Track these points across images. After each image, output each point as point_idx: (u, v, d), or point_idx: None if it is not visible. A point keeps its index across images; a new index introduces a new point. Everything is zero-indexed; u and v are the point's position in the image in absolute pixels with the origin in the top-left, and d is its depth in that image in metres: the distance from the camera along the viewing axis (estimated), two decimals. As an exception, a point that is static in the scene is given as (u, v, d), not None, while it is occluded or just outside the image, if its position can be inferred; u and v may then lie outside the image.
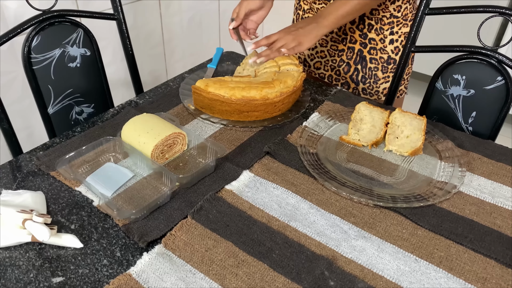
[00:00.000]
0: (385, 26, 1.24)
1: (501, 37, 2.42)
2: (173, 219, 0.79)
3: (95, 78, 1.29)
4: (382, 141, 1.00)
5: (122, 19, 1.28)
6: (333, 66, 1.36)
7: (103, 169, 0.88)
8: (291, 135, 1.01)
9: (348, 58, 1.32)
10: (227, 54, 1.38)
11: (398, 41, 1.25)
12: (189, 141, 0.95)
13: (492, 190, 0.87)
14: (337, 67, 1.35)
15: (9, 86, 1.53)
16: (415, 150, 0.94)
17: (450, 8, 1.13)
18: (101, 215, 0.80)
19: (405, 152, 0.95)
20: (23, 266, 0.70)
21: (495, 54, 1.09)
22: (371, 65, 1.29)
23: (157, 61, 2.08)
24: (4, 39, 1.07)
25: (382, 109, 1.02)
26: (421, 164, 0.94)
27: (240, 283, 0.68)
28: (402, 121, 0.99)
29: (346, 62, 1.33)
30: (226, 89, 1.02)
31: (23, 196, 0.79)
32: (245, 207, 0.81)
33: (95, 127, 1.02)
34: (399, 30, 1.24)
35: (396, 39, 1.25)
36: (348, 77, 1.34)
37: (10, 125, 1.13)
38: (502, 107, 1.12)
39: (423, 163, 0.94)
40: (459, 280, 0.69)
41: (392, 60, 1.27)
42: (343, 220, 0.80)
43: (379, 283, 0.69)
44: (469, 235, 0.77)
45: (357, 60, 1.30)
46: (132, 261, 0.71)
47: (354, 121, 1.02)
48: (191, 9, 2.09)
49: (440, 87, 1.20)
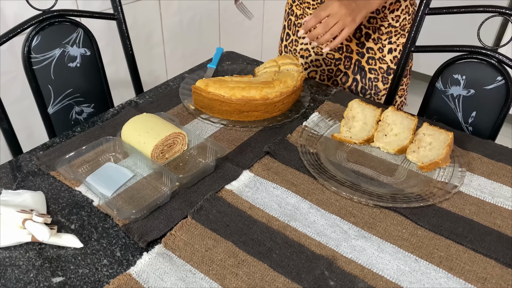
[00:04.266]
0: (383, 36, 1.22)
1: (501, 37, 2.42)
2: (173, 219, 0.79)
3: (95, 78, 1.29)
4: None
5: (122, 19, 1.28)
6: (329, 76, 1.33)
7: (103, 169, 0.88)
8: (291, 135, 1.01)
9: (345, 67, 1.29)
10: (227, 54, 1.38)
11: (396, 50, 1.23)
12: (189, 141, 0.95)
13: (492, 190, 0.87)
14: (334, 77, 1.32)
15: (9, 86, 1.53)
16: (402, 148, 0.94)
17: (450, 8, 1.13)
18: (101, 215, 0.80)
19: (392, 149, 0.95)
20: (23, 266, 0.70)
21: (495, 54, 1.09)
22: (371, 75, 1.26)
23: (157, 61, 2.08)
24: (4, 39, 1.07)
25: (374, 107, 1.02)
26: (421, 164, 0.94)
27: (240, 283, 0.68)
28: (393, 119, 0.98)
29: (344, 72, 1.30)
30: (226, 89, 1.02)
31: (23, 196, 0.79)
32: (245, 207, 0.81)
33: (95, 127, 1.02)
34: (397, 40, 1.23)
35: (395, 49, 1.23)
36: (347, 88, 1.32)
37: (10, 125, 1.13)
38: (502, 107, 1.12)
39: (423, 163, 0.94)
40: (459, 280, 0.69)
41: (391, 70, 1.26)
42: (343, 220, 0.80)
43: (379, 283, 0.69)
44: (469, 235, 0.77)
45: (356, 70, 1.28)
46: (132, 261, 0.71)
47: (347, 118, 1.02)
48: (191, 9, 2.09)
49: (440, 87, 1.20)
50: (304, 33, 1.03)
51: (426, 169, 0.90)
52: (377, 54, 1.24)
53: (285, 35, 1.37)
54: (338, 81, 1.32)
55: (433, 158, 0.91)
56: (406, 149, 0.95)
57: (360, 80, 1.28)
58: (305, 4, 1.25)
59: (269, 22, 2.57)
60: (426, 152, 0.93)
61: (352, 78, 1.29)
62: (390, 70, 1.26)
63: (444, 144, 0.92)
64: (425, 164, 0.90)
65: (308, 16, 1.02)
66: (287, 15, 1.35)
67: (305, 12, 1.26)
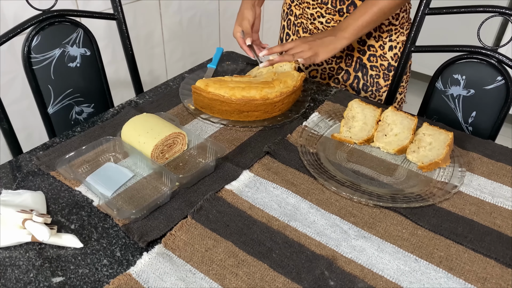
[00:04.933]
0: (383, 34, 1.23)
1: (501, 37, 2.43)
2: (173, 219, 0.79)
3: (95, 78, 1.29)
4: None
5: (122, 19, 1.28)
6: (330, 74, 1.33)
7: (103, 169, 0.88)
8: (291, 135, 1.01)
9: (347, 65, 1.30)
10: (227, 54, 1.38)
11: (397, 47, 1.25)
12: (189, 141, 0.95)
13: (492, 190, 0.87)
14: (336, 75, 1.33)
15: (9, 86, 1.53)
16: (402, 148, 0.94)
17: (450, 8, 1.13)
18: (101, 215, 0.80)
19: (392, 149, 0.95)
20: (23, 266, 0.70)
21: (495, 54, 1.09)
22: (372, 72, 1.27)
23: (157, 61, 2.08)
24: (4, 39, 1.07)
25: (374, 107, 1.02)
26: (421, 164, 0.94)
27: (240, 283, 0.68)
28: (393, 119, 0.98)
29: (345, 69, 1.31)
30: (226, 89, 1.02)
31: (23, 196, 0.79)
32: (245, 207, 0.81)
33: (95, 127, 1.02)
34: (397, 38, 1.24)
35: (395, 46, 1.24)
36: (348, 85, 1.32)
37: (10, 125, 1.13)
38: (502, 107, 1.12)
39: (423, 163, 0.94)
40: (459, 280, 0.69)
41: (392, 67, 1.26)
42: (343, 220, 0.80)
43: (379, 283, 0.69)
44: (469, 235, 0.77)
45: (357, 67, 1.29)
46: (132, 261, 0.71)
47: (347, 118, 1.02)
48: (191, 9, 2.09)
49: (440, 87, 1.20)
50: (267, 53, 1.10)
51: (426, 169, 0.90)
52: (378, 51, 1.25)
53: (285, 35, 1.37)
54: (340, 79, 1.32)
55: (433, 158, 0.91)
56: (406, 149, 0.95)
57: (362, 77, 1.29)
58: (304, 4, 1.25)
59: (269, 22, 2.56)
60: (426, 152, 0.93)
61: (354, 75, 1.30)
62: (390, 67, 1.26)
63: (444, 144, 0.92)
64: (425, 164, 0.90)
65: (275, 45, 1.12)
66: (286, 15, 1.35)
67: (304, 12, 1.27)
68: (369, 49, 1.26)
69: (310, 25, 1.27)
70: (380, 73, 1.27)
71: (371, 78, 1.28)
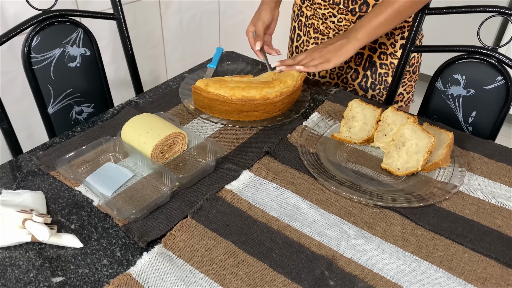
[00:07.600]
0: (396, 31, 1.22)
1: (501, 37, 2.43)
2: (173, 219, 0.79)
3: (95, 78, 1.29)
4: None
5: (122, 19, 1.28)
6: (339, 73, 1.32)
7: (103, 169, 0.88)
8: (291, 135, 1.01)
9: (356, 64, 1.29)
10: (227, 54, 1.38)
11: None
12: (189, 141, 0.95)
13: (492, 190, 0.87)
14: (344, 74, 1.32)
15: (9, 86, 1.53)
16: None
17: (450, 8, 1.13)
18: (101, 215, 0.80)
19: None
20: (23, 266, 0.70)
21: (495, 54, 1.09)
22: (381, 70, 1.26)
23: (157, 61, 2.08)
24: (4, 39, 1.07)
25: (374, 107, 1.02)
26: (421, 164, 0.94)
27: (240, 283, 0.68)
28: (393, 119, 0.98)
29: (354, 68, 1.29)
30: (226, 89, 1.02)
31: (23, 196, 0.79)
32: (245, 207, 0.81)
33: (95, 127, 1.02)
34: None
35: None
36: (357, 84, 1.31)
37: (10, 125, 1.13)
38: (502, 107, 1.12)
39: (423, 163, 0.94)
40: (459, 280, 0.69)
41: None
42: (343, 220, 0.80)
43: (379, 283, 0.69)
44: (469, 235, 0.77)
45: (366, 66, 1.28)
46: (132, 261, 0.71)
47: (346, 118, 1.02)
48: (191, 9, 2.09)
49: (440, 87, 1.20)
50: (279, 65, 1.09)
51: (426, 169, 0.90)
52: (389, 49, 1.24)
53: (296, 36, 1.37)
54: (348, 78, 1.32)
55: (433, 158, 0.91)
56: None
57: (371, 76, 1.28)
58: (316, 5, 1.25)
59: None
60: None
61: (363, 74, 1.29)
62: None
63: (444, 144, 0.92)
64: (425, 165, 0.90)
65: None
66: (297, 16, 1.35)
67: (316, 13, 1.26)
68: (380, 46, 1.25)
69: (321, 26, 1.27)
70: (389, 71, 1.26)
71: (380, 76, 1.28)
